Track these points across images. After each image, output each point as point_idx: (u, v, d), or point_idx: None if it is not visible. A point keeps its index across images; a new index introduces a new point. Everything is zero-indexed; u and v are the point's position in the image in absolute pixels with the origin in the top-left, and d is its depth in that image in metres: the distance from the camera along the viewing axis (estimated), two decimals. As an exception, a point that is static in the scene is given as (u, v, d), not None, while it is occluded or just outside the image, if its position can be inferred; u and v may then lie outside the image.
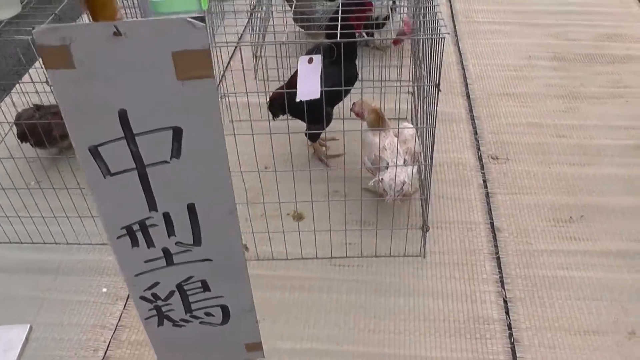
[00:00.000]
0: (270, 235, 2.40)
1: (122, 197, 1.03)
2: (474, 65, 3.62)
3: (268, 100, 2.70)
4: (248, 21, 3.34)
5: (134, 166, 1.00)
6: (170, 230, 1.08)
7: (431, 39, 1.77)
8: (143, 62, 0.88)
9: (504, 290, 2.25)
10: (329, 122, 2.75)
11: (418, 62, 2.30)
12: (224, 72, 3.57)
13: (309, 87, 1.66)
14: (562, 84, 3.41)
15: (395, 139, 2.44)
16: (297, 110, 2.40)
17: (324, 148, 2.91)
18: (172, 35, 0.85)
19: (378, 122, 2.48)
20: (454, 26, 4.08)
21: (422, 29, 2.13)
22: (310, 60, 1.65)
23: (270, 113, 2.70)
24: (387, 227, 2.42)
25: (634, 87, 3.34)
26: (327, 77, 1.99)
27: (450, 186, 2.71)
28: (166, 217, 1.06)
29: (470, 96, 3.33)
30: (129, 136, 0.96)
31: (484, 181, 2.73)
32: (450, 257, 2.37)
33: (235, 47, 3.14)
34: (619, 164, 2.80)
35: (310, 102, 1.88)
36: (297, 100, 1.69)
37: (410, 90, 3.06)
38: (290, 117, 2.50)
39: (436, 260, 2.37)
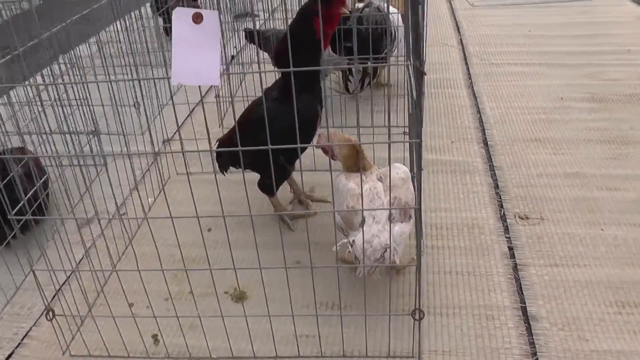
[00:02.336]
0: (188, 323, 1.62)
1: None
2: (492, 108, 2.91)
3: (215, 148, 2.05)
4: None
5: None
6: None
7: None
8: None
9: (549, 418, 1.40)
10: (288, 175, 2.06)
11: (411, 102, 1.55)
12: (187, 117, 2.92)
13: (195, 63, 0.94)
14: (605, 127, 2.66)
15: (379, 184, 1.70)
16: (247, 161, 1.76)
17: (291, 204, 2.16)
18: None
19: (354, 159, 1.74)
20: (467, 69, 3.42)
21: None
22: (197, 18, 0.94)
23: (218, 166, 2.07)
24: (362, 312, 1.62)
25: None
26: (275, 120, 1.36)
27: (462, 256, 1.91)
28: None
29: (489, 142, 2.59)
30: None
31: (510, 248, 1.93)
32: (462, 361, 1.55)
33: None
34: (698, 225, 1.99)
35: (258, 152, 1.22)
36: (173, 83, 0.97)
37: (405, 130, 2.34)
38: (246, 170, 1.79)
39: (440, 365, 1.54)
